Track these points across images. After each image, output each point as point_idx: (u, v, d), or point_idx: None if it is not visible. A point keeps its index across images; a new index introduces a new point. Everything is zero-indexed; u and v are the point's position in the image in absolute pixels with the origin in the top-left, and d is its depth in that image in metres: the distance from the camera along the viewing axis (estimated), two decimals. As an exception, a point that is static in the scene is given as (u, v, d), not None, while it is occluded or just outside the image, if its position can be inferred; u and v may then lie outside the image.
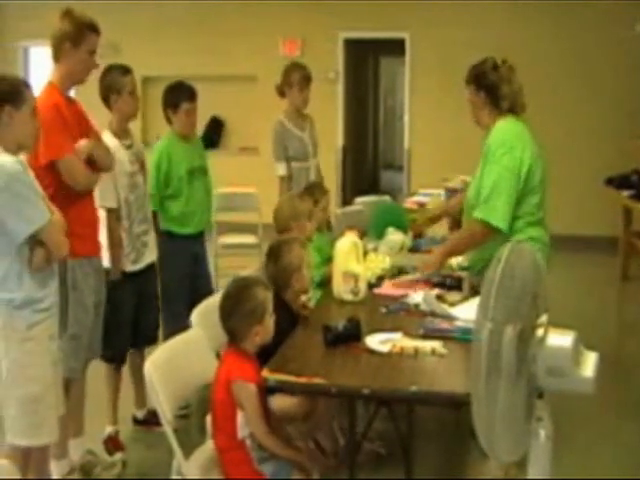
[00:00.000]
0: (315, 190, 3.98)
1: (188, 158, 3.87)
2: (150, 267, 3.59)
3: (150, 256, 3.56)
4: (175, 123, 3.86)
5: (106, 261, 3.29)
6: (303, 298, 3.06)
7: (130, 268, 3.42)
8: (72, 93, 3.13)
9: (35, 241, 2.45)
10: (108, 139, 3.32)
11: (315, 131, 4.72)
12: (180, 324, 3.67)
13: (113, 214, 3.32)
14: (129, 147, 3.45)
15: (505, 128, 3.12)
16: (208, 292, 3.67)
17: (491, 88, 3.13)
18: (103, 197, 3.28)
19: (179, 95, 3.84)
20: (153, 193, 3.76)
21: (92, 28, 2.99)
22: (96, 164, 3.05)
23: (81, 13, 3.01)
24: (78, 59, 2.97)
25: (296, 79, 4.49)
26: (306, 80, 4.52)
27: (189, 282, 3.88)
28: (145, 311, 3.59)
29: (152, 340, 3.62)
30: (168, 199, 3.83)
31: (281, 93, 4.57)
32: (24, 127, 2.48)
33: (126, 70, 3.44)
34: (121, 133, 3.44)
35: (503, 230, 2.98)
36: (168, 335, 3.55)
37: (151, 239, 3.56)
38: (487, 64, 3.17)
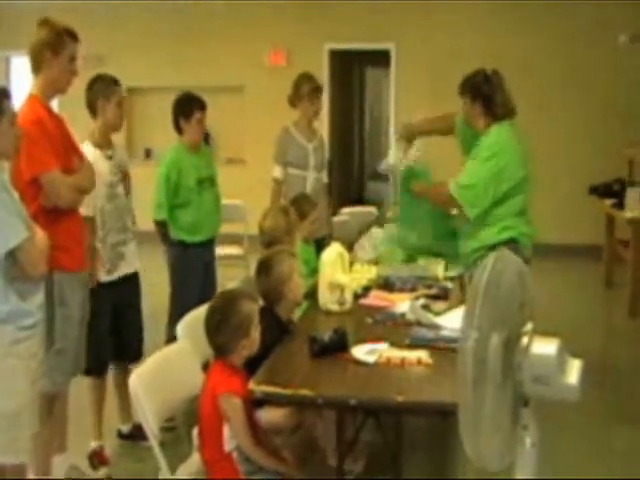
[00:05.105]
0: (303, 203, 3.98)
1: (197, 169, 3.94)
2: (128, 280, 3.54)
3: (127, 268, 3.51)
4: (187, 132, 3.94)
5: None
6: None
7: (104, 278, 3.37)
8: (54, 105, 3.12)
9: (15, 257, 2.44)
10: (88, 150, 3.30)
11: (324, 149, 4.75)
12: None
13: (89, 223, 3.28)
14: (110, 158, 3.44)
15: (497, 133, 3.38)
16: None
17: (486, 98, 3.39)
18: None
19: (192, 104, 3.93)
20: (162, 203, 3.86)
21: (71, 35, 2.97)
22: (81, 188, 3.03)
23: (58, 21, 2.98)
24: (59, 67, 2.94)
25: (306, 91, 4.52)
26: (316, 92, 4.55)
27: (199, 289, 3.91)
28: (126, 325, 3.56)
29: (136, 356, 3.57)
30: (178, 208, 3.90)
31: (292, 104, 4.61)
32: (3, 138, 2.46)
33: (116, 81, 3.47)
34: (103, 143, 3.43)
35: (470, 218, 3.38)
36: (174, 341, 3.52)
37: (129, 250, 3.52)
38: (479, 75, 3.43)
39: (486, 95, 3.38)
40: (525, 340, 1.75)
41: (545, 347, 1.73)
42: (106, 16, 8.79)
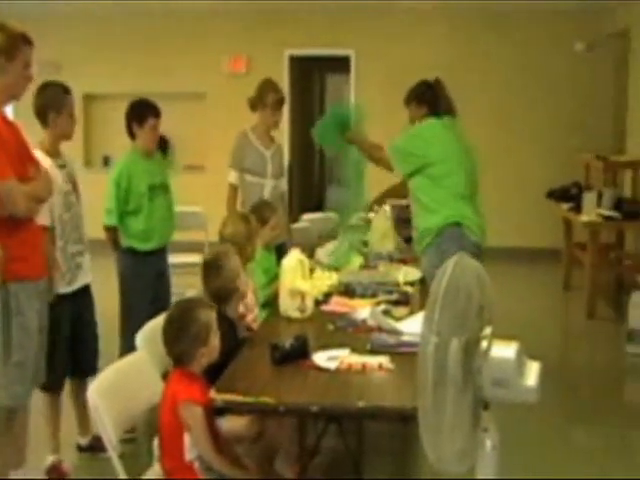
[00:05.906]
0: (264, 209, 3.95)
1: (149, 175, 3.88)
2: (85, 290, 3.48)
3: (83, 278, 3.46)
4: (139, 138, 3.89)
5: None
6: (248, 319, 3.05)
7: (65, 289, 3.30)
8: (9, 112, 3.05)
9: None
10: (41, 158, 3.23)
11: (281, 157, 4.69)
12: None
13: (48, 233, 3.20)
14: (62, 167, 3.38)
15: (430, 121, 3.67)
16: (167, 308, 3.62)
17: (432, 101, 3.69)
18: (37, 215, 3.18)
19: (146, 110, 3.88)
20: (112, 209, 3.79)
21: (25, 40, 2.90)
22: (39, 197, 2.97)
23: (13, 26, 2.91)
24: (14, 73, 2.86)
25: (270, 101, 4.42)
26: (280, 103, 4.47)
27: (150, 298, 3.85)
28: (82, 339, 3.49)
29: (92, 370, 3.49)
30: (129, 215, 3.84)
31: (253, 107, 4.51)
32: None
33: (67, 90, 3.40)
34: (54, 153, 3.36)
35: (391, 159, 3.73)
36: (127, 352, 3.47)
37: (85, 261, 3.46)
38: (422, 84, 3.77)
39: (430, 100, 3.69)
40: (484, 344, 1.76)
41: (504, 351, 1.75)
42: (63, 22, 8.66)
